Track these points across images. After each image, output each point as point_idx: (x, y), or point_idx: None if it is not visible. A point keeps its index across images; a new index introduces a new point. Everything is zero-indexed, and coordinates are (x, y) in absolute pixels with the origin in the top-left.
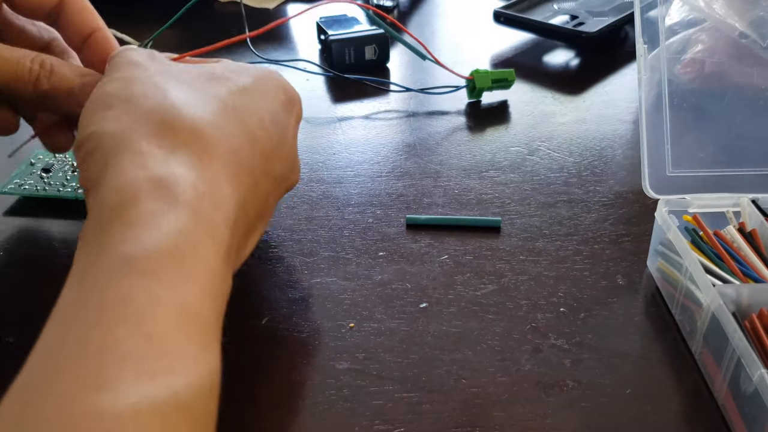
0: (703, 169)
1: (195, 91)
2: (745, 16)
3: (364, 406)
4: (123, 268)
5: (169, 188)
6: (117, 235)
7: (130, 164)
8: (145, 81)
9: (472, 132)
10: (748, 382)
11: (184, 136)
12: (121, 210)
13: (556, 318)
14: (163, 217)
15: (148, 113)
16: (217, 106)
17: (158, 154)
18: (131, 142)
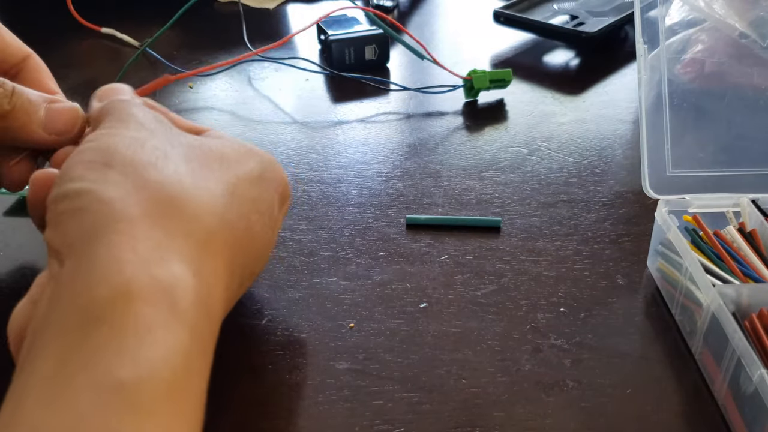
0: (703, 169)
1: (206, 172)
2: (745, 16)
3: (364, 406)
4: (112, 397)
5: (167, 292)
6: (105, 345)
7: (126, 248)
8: (155, 148)
9: (472, 132)
10: (748, 382)
11: (187, 222)
12: (112, 309)
13: (556, 318)
14: (161, 332)
15: (154, 187)
16: (227, 194)
17: (157, 241)
18: (131, 218)
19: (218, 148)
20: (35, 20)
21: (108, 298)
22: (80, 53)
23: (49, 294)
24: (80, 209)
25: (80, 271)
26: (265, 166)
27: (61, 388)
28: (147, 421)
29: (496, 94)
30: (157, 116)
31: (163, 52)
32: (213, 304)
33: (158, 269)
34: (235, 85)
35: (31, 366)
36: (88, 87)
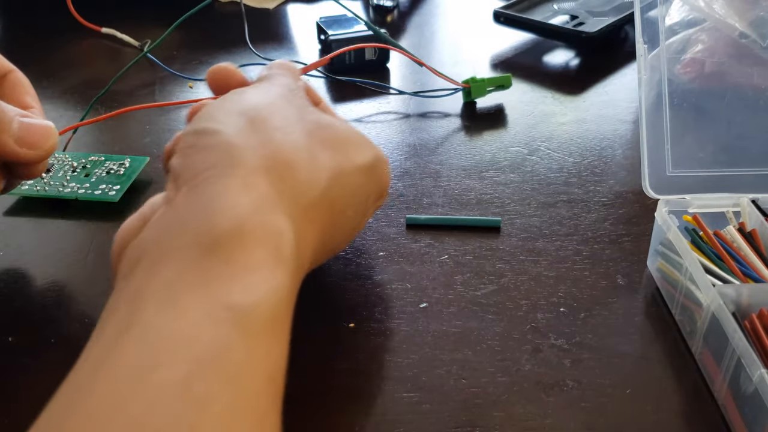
0: (703, 169)
1: (325, 150)
2: (745, 16)
3: (364, 407)
4: (225, 315)
5: (275, 239)
6: (220, 272)
7: (243, 193)
8: (287, 117)
9: (472, 132)
10: (748, 382)
11: (298, 188)
12: (227, 242)
13: (556, 318)
14: (269, 270)
15: (277, 148)
16: (337, 174)
17: (270, 195)
18: (250, 168)
19: (342, 133)
20: (36, 20)
21: (225, 231)
22: (80, 53)
23: (162, 214)
24: (209, 146)
25: (198, 201)
26: (376, 159)
27: (177, 299)
28: (250, 339)
29: (496, 95)
30: (298, 92)
31: (163, 52)
32: (303, 261)
33: (269, 217)
34: None
35: (150, 274)
36: (88, 87)
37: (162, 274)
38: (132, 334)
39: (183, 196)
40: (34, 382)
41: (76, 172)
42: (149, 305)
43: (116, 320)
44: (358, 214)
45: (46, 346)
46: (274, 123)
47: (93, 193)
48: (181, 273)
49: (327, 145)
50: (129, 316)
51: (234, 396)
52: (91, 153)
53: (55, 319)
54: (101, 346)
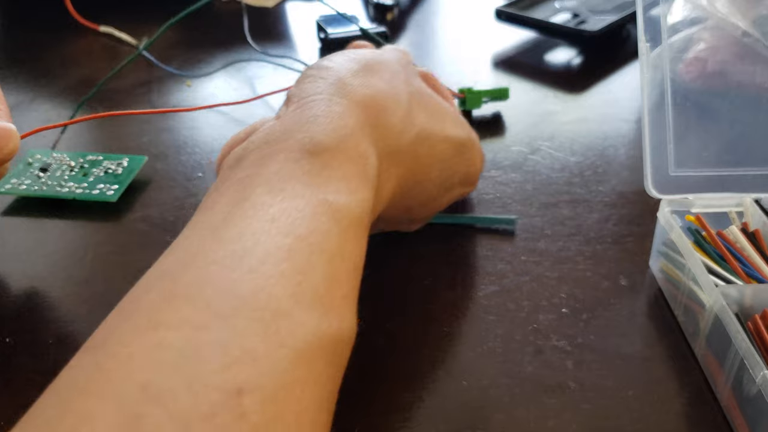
0: (706, 169)
1: (420, 111)
2: (748, 14)
3: (365, 407)
4: (323, 209)
5: (364, 161)
6: (318, 173)
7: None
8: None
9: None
10: (751, 384)
11: (387, 131)
12: (325, 150)
13: (558, 319)
14: (357, 183)
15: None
16: (426, 134)
17: (363, 128)
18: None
19: (441, 106)
20: (34, 18)
21: (324, 141)
22: (78, 52)
23: (271, 125)
24: (322, 77)
25: (304, 115)
26: (469, 140)
27: (284, 185)
28: (342, 231)
29: None
30: (411, 66)
31: (162, 51)
32: (380, 195)
33: (362, 145)
34: (233, 83)
35: (260, 165)
36: (86, 85)
37: (270, 165)
38: (245, 207)
39: (291, 111)
40: (33, 383)
41: (73, 171)
42: (259, 188)
43: (227, 198)
44: (440, 183)
45: (45, 347)
46: (382, 75)
47: (91, 192)
48: (287, 166)
49: (424, 108)
50: (240, 194)
51: (329, 271)
52: (88, 152)
53: (54, 319)
54: (216, 215)
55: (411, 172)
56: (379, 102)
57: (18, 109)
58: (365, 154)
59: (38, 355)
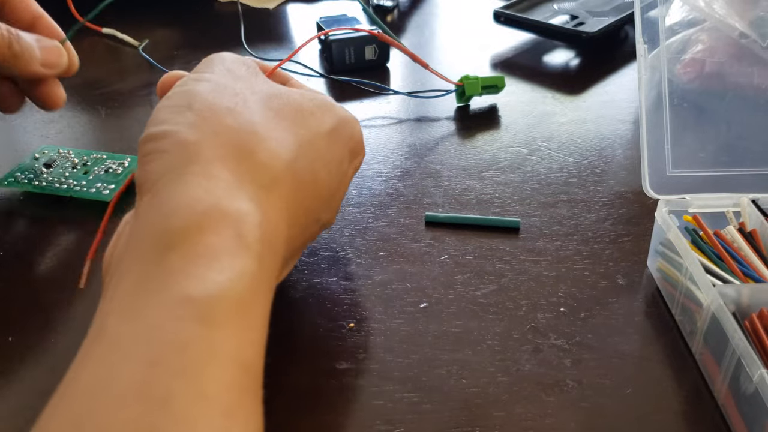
0: (703, 169)
1: (281, 122)
2: (745, 16)
3: (364, 406)
4: (184, 310)
5: (235, 225)
6: (178, 268)
7: (200, 186)
8: (236, 94)
9: (472, 132)
10: (748, 382)
11: (256, 168)
12: (184, 238)
13: (556, 318)
14: (229, 257)
15: (230, 133)
16: (297, 145)
17: (228, 182)
18: (206, 160)
19: (297, 100)
20: None
21: (181, 228)
22: (81, 53)
23: (130, 226)
24: (163, 150)
25: (157, 204)
26: (339, 121)
27: (137, 305)
28: (213, 330)
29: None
30: (247, 62)
31: (164, 52)
32: (276, 240)
33: (228, 204)
34: None
35: (114, 288)
36: (90, 87)
37: (123, 284)
38: (96, 348)
39: (144, 205)
40: (33, 383)
41: (76, 168)
42: (112, 317)
43: (87, 340)
44: (332, 178)
45: (46, 346)
46: (222, 106)
47: (88, 191)
48: (142, 278)
49: (282, 116)
50: (96, 332)
51: (196, 391)
52: (93, 150)
53: (55, 319)
54: (74, 365)
55: (301, 195)
56: (234, 145)
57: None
58: (236, 215)
59: (39, 354)
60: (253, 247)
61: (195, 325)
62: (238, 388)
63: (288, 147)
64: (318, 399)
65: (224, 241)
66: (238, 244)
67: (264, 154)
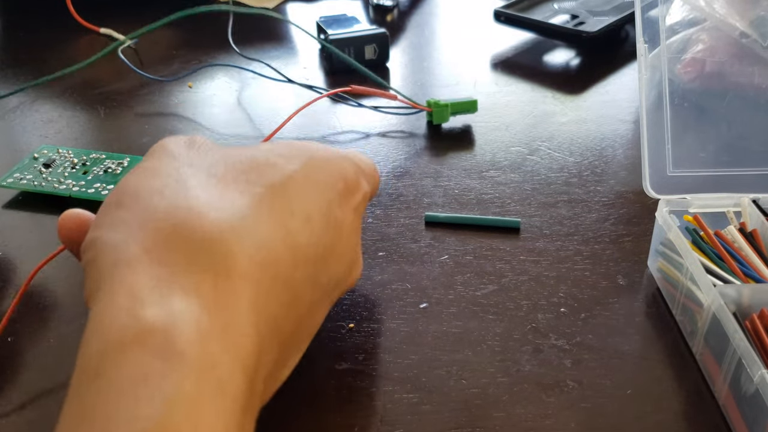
0: (703, 169)
1: (225, 186)
2: (746, 15)
3: (364, 407)
4: None
5: (163, 332)
6: (103, 406)
7: (123, 295)
8: (168, 174)
9: (472, 132)
10: (749, 383)
11: (197, 249)
12: (105, 364)
13: (557, 318)
14: (157, 381)
15: (159, 218)
16: (248, 205)
17: (158, 278)
18: (129, 262)
19: (251, 157)
20: (36, 20)
21: (101, 352)
22: (80, 53)
23: None
24: (93, 259)
25: (88, 327)
26: (312, 165)
27: None
28: None
29: (497, 95)
30: (192, 140)
31: (163, 52)
32: (235, 330)
33: (153, 309)
34: (234, 84)
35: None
36: (87, 86)
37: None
38: None
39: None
40: (33, 383)
41: (75, 168)
42: None
43: None
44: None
45: (46, 347)
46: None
47: (86, 191)
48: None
49: (229, 179)
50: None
51: None
52: (92, 150)
53: (55, 319)
54: None
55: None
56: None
57: (20, 109)
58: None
59: (39, 354)
60: (190, 356)
61: None
62: None
63: (239, 212)
64: (318, 399)
65: (149, 360)
66: (167, 358)
67: (205, 230)
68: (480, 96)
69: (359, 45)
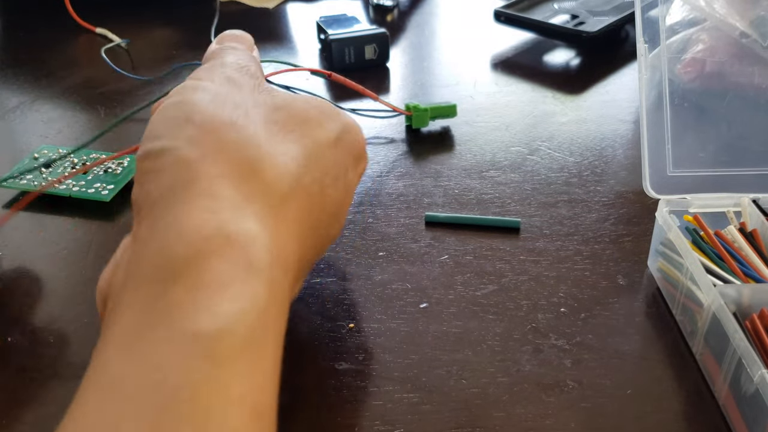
0: (703, 169)
1: (287, 134)
2: (746, 15)
3: (364, 407)
4: (192, 348)
5: (244, 249)
6: (184, 300)
7: (203, 209)
8: (238, 106)
9: (473, 131)
10: (749, 383)
11: (264, 185)
12: (188, 266)
13: (557, 318)
14: (238, 286)
15: (234, 148)
16: (304, 159)
17: (234, 201)
18: (208, 178)
19: (301, 109)
20: (35, 20)
21: (185, 255)
22: (79, 53)
23: (129, 253)
24: (161, 169)
25: (158, 229)
26: (343, 128)
27: (140, 341)
28: (224, 370)
29: (498, 95)
30: (248, 69)
31: (162, 52)
32: (288, 261)
33: (235, 227)
34: None
35: (114, 323)
36: (85, 87)
37: (125, 319)
38: (98, 390)
39: (144, 229)
40: (33, 383)
41: (75, 168)
42: (114, 355)
43: (87, 379)
44: (339, 190)
45: (46, 347)
46: (223, 119)
47: (86, 191)
48: (145, 313)
49: (288, 127)
50: (96, 371)
51: None
52: (92, 150)
53: (55, 319)
54: (74, 406)
55: (310, 210)
56: (239, 162)
57: (20, 109)
58: (245, 238)
59: (38, 354)
60: (264, 272)
61: (202, 362)
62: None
63: (295, 162)
64: (318, 399)
65: (232, 268)
66: (247, 269)
67: (271, 170)
68: (480, 96)
69: (359, 45)
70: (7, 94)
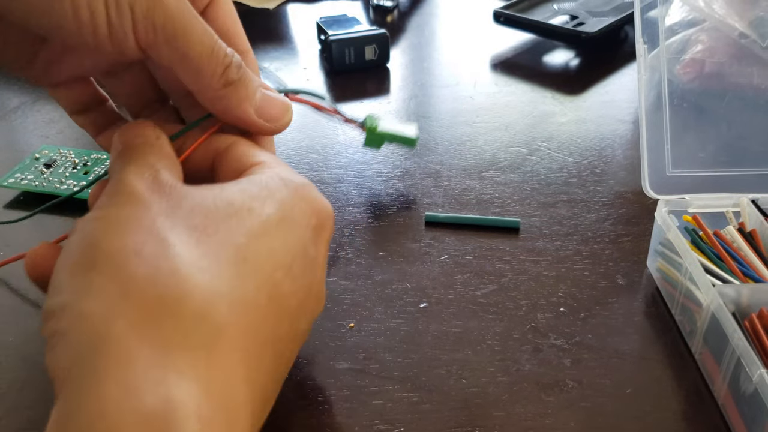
0: (702, 169)
1: (207, 239)
2: (745, 16)
3: (364, 406)
4: None
5: (166, 425)
6: None
7: (115, 384)
8: (144, 229)
9: (473, 132)
10: (748, 382)
11: (187, 324)
12: None
13: (556, 318)
14: None
15: (143, 287)
16: (233, 260)
17: (150, 361)
18: (116, 338)
19: (226, 201)
20: None
21: None
22: None
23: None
24: (65, 331)
25: (72, 416)
26: (287, 202)
27: None
28: None
29: (497, 93)
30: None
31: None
32: (233, 406)
33: (149, 399)
34: None
35: None
36: None
37: None
38: None
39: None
40: (33, 382)
41: (76, 168)
42: None
43: None
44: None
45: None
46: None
47: (88, 191)
48: None
49: (208, 230)
50: None
51: None
52: (93, 150)
53: None
54: None
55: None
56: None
57: (21, 110)
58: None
59: (38, 354)
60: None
61: None
62: None
63: (225, 276)
64: (318, 399)
65: None
66: None
67: (193, 301)
68: (480, 96)
69: (359, 46)
70: (8, 95)
